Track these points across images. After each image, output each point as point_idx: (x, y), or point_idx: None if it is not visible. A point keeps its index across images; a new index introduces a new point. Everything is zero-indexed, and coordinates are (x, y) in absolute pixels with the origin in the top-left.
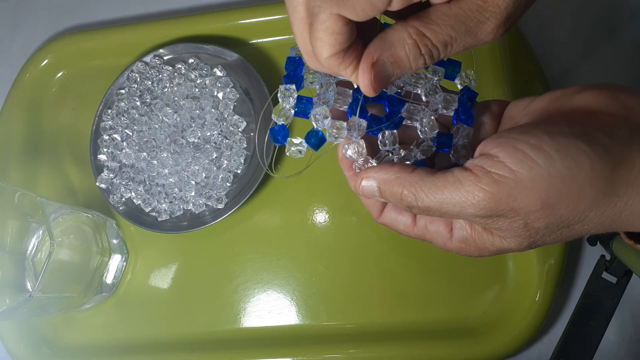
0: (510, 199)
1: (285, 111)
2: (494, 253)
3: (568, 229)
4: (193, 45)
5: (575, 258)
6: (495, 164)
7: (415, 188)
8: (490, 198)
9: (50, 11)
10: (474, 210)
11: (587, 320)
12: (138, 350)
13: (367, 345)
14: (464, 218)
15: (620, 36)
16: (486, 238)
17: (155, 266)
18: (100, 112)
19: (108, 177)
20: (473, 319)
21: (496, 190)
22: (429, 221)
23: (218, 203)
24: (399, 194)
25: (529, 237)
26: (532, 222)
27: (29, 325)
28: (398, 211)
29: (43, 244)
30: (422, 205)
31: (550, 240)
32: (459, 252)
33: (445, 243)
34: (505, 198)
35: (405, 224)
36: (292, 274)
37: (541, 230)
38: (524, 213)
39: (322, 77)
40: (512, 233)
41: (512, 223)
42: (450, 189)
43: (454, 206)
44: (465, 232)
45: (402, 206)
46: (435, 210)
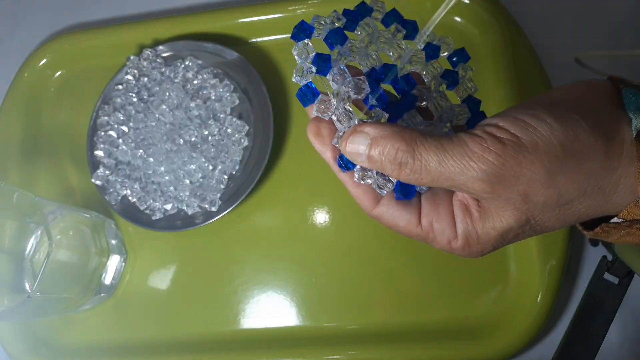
0: (514, 162)
1: (306, 68)
2: (495, 242)
3: (566, 206)
4: (192, 43)
5: (577, 259)
6: (499, 130)
7: (415, 143)
8: (495, 159)
9: (49, 10)
10: (478, 172)
11: (589, 321)
12: (137, 351)
13: (367, 347)
14: (462, 186)
15: (621, 36)
16: (487, 223)
17: (155, 267)
18: (98, 109)
19: (104, 174)
20: (474, 320)
21: (501, 152)
22: (435, 218)
23: (212, 206)
24: (395, 148)
25: (527, 210)
26: (532, 194)
27: (28, 326)
28: (400, 206)
29: (41, 244)
30: (419, 164)
31: (548, 220)
32: (461, 252)
33: (450, 242)
34: (510, 161)
35: (409, 221)
36: (292, 275)
37: (539, 205)
38: (526, 180)
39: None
40: (511, 206)
41: (512, 192)
42: (454, 148)
43: (456, 167)
44: (466, 224)
45: (393, 165)
46: (433, 172)
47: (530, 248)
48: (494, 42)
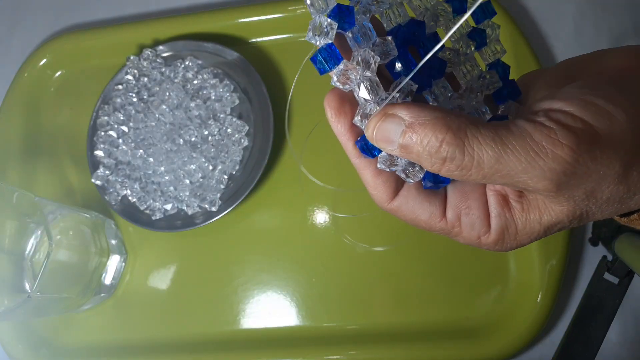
0: (589, 158)
1: (324, 24)
2: (537, 236)
3: (628, 200)
4: (192, 43)
5: (577, 259)
6: (568, 117)
7: (465, 134)
8: (569, 155)
9: (49, 10)
10: (546, 171)
11: (589, 321)
12: (137, 351)
13: (367, 347)
14: (519, 184)
15: (621, 37)
16: (532, 217)
17: (154, 267)
18: (98, 109)
19: (104, 174)
20: (474, 320)
21: (575, 145)
22: (463, 211)
23: (211, 206)
24: (439, 139)
25: (585, 206)
26: (599, 191)
27: (28, 326)
28: (423, 197)
29: (41, 244)
30: (469, 160)
31: (601, 214)
32: (491, 247)
33: (480, 239)
34: (584, 156)
35: (432, 213)
36: (292, 275)
37: (602, 201)
38: (597, 177)
39: None
40: (569, 202)
41: (578, 190)
42: (515, 140)
43: (518, 164)
44: (504, 219)
45: (434, 159)
46: (487, 169)
47: (530, 248)
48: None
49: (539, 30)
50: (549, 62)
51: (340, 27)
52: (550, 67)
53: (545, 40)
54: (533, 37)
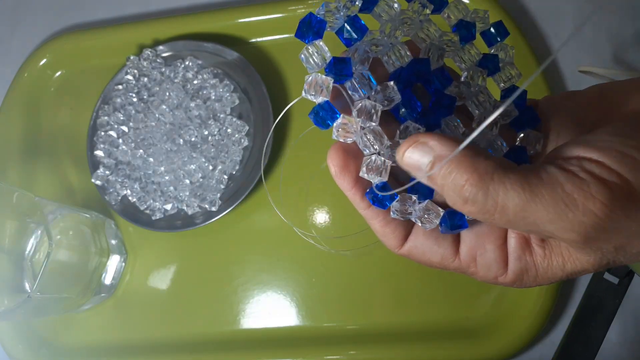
0: (622, 214)
1: (321, 81)
2: (558, 280)
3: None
4: (192, 43)
5: None
6: (603, 169)
7: (492, 178)
8: (601, 211)
9: (49, 10)
10: (575, 226)
11: (589, 321)
12: (137, 351)
13: (367, 347)
14: (545, 233)
15: (621, 37)
16: (555, 264)
17: (154, 267)
18: (98, 108)
19: (104, 174)
20: (474, 320)
21: (609, 201)
22: (479, 252)
23: (212, 206)
24: (464, 179)
25: (613, 257)
26: (630, 246)
27: (28, 326)
28: (433, 239)
29: (41, 244)
30: (492, 205)
31: (627, 262)
32: (508, 285)
33: (497, 278)
34: (617, 213)
35: (444, 255)
36: (292, 275)
37: (631, 253)
38: (628, 234)
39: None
40: (596, 254)
41: (607, 244)
42: (544, 189)
43: (546, 215)
44: (524, 262)
45: (456, 197)
46: (512, 215)
47: None
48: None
49: (539, 30)
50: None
51: (337, 81)
52: (574, 93)
53: (545, 40)
54: (533, 37)
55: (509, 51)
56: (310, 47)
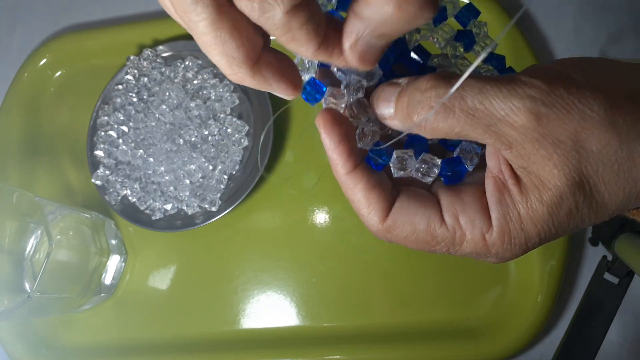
0: (565, 91)
1: (305, 61)
2: (544, 225)
3: (629, 163)
4: (192, 43)
5: (577, 259)
6: (547, 68)
7: (450, 76)
8: (544, 85)
9: (49, 10)
10: (524, 99)
11: (589, 321)
12: (137, 351)
13: (367, 347)
14: (502, 125)
15: (621, 37)
16: (533, 198)
17: (154, 267)
18: (98, 109)
19: (104, 173)
20: (474, 320)
21: (552, 80)
22: (459, 210)
23: (212, 206)
24: (426, 79)
25: (578, 164)
26: (585, 138)
27: (28, 326)
28: (417, 203)
29: (41, 244)
30: (454, 96)
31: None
32: (501, 249)
33: (485, 236)
34: (560, 89)
35: (430, 218)
36: (292, 275)
37: (594, 155)
38: (579, 117)
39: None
40: (559, 157)
41: (561, 132)
42: (497, 79)
43: (499, 94)
44: (504, 205)
45: (423, 102)
46: (469, 101)
47: None
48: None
49: (539, 30)
50: (548, 62)
51: (322, 64)
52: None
53: (545, 40)
54: (533, 37)
55: (483, 27)
56: None
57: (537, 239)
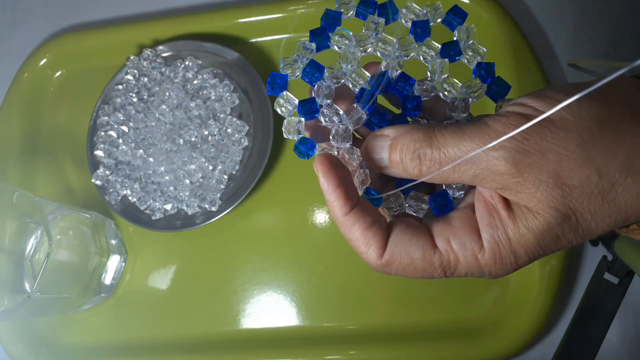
0: (537, 136)
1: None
2: (532, 248)
3: (611, 194)
4: (192, 43)
5: (577, 259)
6: (522, 107)
7: (433, 132)
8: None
9: (49, 10)
10: (499, 151)
11: (589, 321)
12: (137, 351)
13: (367, 347)
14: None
15: (621, 37)
16: (520, 223)
17: (154, 267)
18: (98, 109)
19: (104, 174)
20: (474, 320)
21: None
22: (450, 235)
23: (212, 206)
24: (413, 140)
25: (562, 199)
26: (565, 175)
27: (28, 326)
28: (410, 234)
29: (41, 244)
30: (437, 154)
31: (592, 215)
32: (492, 268)
33: (478, 259)
34: (533, 135)
35: (424, 246)
36: (292, 275)
37: (576, 190)
38: (555, 157)
39: (352, 47)
40: (543, 194)
41: (541, 172)
42: (473, 130)
43: (476, 146)
44: (494, 228)
45: (414, 161)
46: (452, 156)
47: None
48: (494, 42)
49: (539, 30)
50: (549, 62)
51: (308, 118)
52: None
53: (545, 40)
54: (533, 37)
55: (471, 32)
56: (280, 98)
57: (526, 259)
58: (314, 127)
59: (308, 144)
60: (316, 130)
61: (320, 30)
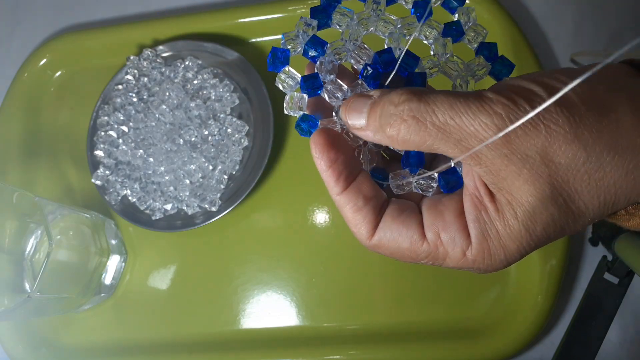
0: (529, 106)
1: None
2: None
3: (598, 173)
4: (192, 43)
5: (577, 259)
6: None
7: (423, 90)
8: (509, 102)
9: (49, 10)
10: (491, 115)
11: (589, 321)
12: (137, 351)
13: (367, 347)
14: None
15: (621, 37)
16: (508, 215)
17: (154, 267)
18: (98, 109)
19: (104, 174)
20: (474, 320)
21: (515, 95)
22: (441, 228)
23: (212, 206)
24: (398, 94)
25: (549, 177)
26: (552, 151)
27: (28, 326)
28: (399, 224)
29: (41, 244)
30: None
31: (580, 195)
32: (481, 264)
33: (466, 254)
34: (524, 105)
35: (412, 238)
36: (292, 275)
37: (563, 167)
38: (544, 132)
39: (354, 26)
40: (530, 172)
41: (529, 147)
42: (467, 95)
43: (468, 110)
44: (482, 222)
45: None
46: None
47: None
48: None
49: (539, 30)
50: (549, 62)
51: (311, 95)
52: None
53: (545, 40)
54: (533, 37)
55: (471, 13)
56: (281, 74)
57: (517, 254)
58: (315, 104)
59: (310, 120)
60: (318, 107)
61: (321, 8)
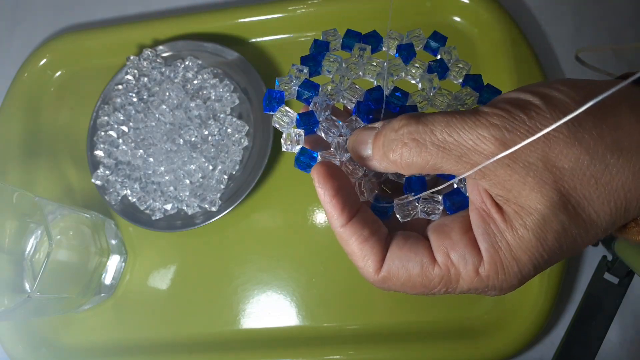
0: (525, 116)
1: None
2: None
3: (604, 176)
4: (192, 43)
5: (577, 258)
6: (508, 98)
7: (421, 113)
8: (505, 114)
9: (49, 10)
10: (488, 128)
11: (589, 321)
12: (137, 351)
13: (367, 347)
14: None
15: (621, 37)
16: (517, 225)
17: (154, 267)
18: (98, 109)
19: (104, 174)
20: (474, 320)
21: (511, 107)
22: (450, 248)
23: (212, 206)
24: (399, 120)
25: (554, 183)
26: (554, 157)
27: (28, 326)
28: (407, 250)
29: (41, 244)
30: (423, 129)
31: (589, 201)
32: (496, 281)
33: (477, 271)
34: (521, 115)
35: (423, 262)
36: (292, 275)
37: (567, 172)
38: (543, 138)
39: (343, 70)
40: (534, 180)
41: (530, 155)
42: (463, 113)
43: (465, 126)
44: (492, 235)
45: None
46: (439, 136)
47: None
48: (493, 42)
49: (539, 30)
50: (549, 62)
51: (308, 132)
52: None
53: (546, 40)
54: (533, 37)
55: (453, 51)
56: (278, 113)
57: (530, 267)
58: (313, 141)
59: (308, 154)
60: (315, 145)
61: (310, 57)
